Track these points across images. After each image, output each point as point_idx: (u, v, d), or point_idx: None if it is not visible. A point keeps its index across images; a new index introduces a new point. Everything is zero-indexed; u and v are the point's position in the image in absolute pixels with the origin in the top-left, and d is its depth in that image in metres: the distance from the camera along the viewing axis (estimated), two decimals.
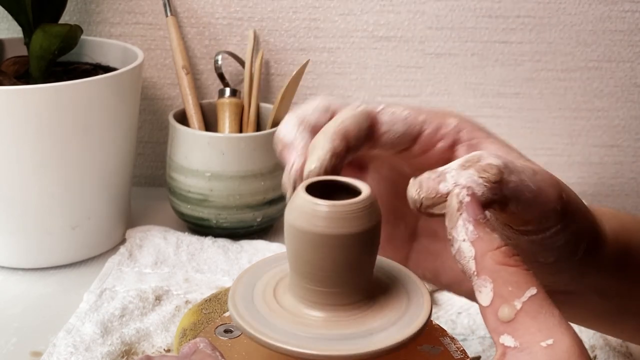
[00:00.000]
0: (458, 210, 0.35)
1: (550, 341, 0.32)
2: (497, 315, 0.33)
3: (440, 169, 0.37)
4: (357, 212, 0.35)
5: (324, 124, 0.40)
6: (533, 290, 0.33)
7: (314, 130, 0.40)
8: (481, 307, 0.34)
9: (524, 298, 0.33)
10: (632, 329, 0.50)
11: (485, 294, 0.33)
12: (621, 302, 0.46)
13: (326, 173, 0.38)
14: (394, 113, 0.41)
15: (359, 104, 0.41)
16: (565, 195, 0.39)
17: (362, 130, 0.40)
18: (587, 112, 0.86)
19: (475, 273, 0.34)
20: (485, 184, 0.35)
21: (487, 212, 0.35)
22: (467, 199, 0.35)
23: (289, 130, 0.40)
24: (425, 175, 0.37)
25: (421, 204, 0.36)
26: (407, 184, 0.40)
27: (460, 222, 0.34)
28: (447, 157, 0.42)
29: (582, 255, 0.41)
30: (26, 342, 0.57)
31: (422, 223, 0.45)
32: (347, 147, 0.39)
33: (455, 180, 0.36)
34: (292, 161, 0.39)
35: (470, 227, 0.34)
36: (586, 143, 0.88)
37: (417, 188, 0.36)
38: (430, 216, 0.37)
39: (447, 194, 0.36)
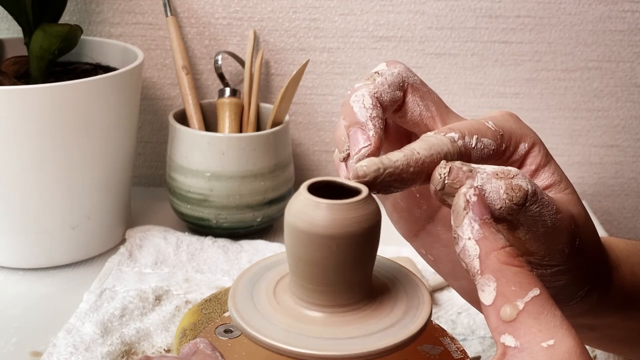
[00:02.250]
0: (464, 209, 0.35)
1: (551, 342, 0.32)
2: (499, 314, 0.33)
3: (475, 165, 0.37)
4: (357, 212, 0.35)
5: (398, 100, 0.40)
6: (536, 291, 0.33)
7: (387, 109, 0.40)
8: (483, 306, 0.34)
9: (527, 298, 0.33)
10: None
11: (488, 292, 0.33)
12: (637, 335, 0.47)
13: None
14: (483, 153, 0.40)
15: (454, 135, 0.39)
16: (580, 243, 0.39)
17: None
18: (587, 112, 0.86)
19: (479, 272, 0.34)
20: (507, 201, 0.36)
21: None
22: (474, 198, 0.35)
23: (362, 105, 0.39)
24: (458, 164, 0.36)
25: (442, 187, 0.36)
26: None
27: (466, 221, 0.34)
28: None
29: (579, 302, 0.41)
30: (26, 342, 0.57)
31: (444, 211, 0.45)
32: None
33: (482, 184, 0.36)
34: (360, 145, 0.38)
35: (476, 226, 0.34)
36: (586, 143, 0.88)
37: (444, 172, 0.36)
38: (442, 202, 0.37)
39: None
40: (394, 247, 0.70)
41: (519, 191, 0.36)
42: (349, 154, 0.38)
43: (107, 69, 0.74)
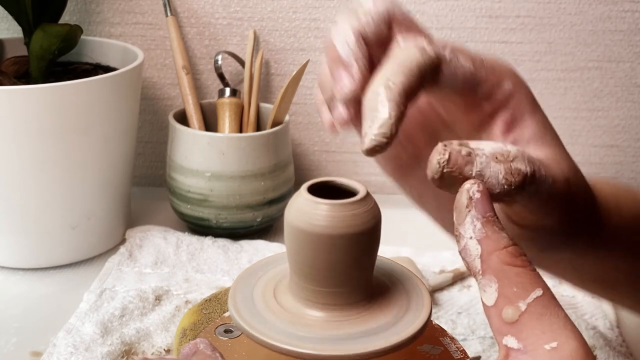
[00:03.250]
0: (467, 206, 0.34)
1: (554, 344, 0.31)
2: (501, 315, 0.32)
3: (473, 145, 0.35)
4: (356, 211, 0.35)
5: (384, 36, 0.39)
6: (539, 292, 0.32)
7: (372, 45, 0.38)
8: (485, 307, 0.33)
9: (529, 299, 0.32)
10: (623, 295, 0.51)
11: (489, 293, 0.33)
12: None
13: (392, 136, 0.35)
14: (457, 69, 0.38)
15: (423, 42, 0.37)
16: (573, 197, 0.40)
17: (424, 83, 0.37)
18: (587, 112, 0.86)
19: (481, 272, 0.33)
20: (506, 186, 0.35)
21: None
22: (478, 195, 0.34)
23: (345, 43, 0.37)
24: (456, 146, 0.35)
25: (441, 176, 0.35)
26: (433, 118, 0.40)
27: (468, 219, 0.34)
28: (487, 119, 0.41)
29: (567, 244, 0.42)
30: (26, 342, 0.57)
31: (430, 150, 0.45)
32: (407, 105, 0.36)
33: (481, 169, 0.35)
34: (343, 84, 0.37)
35: (479, 225, 0.34)
36: (586, 143, 0.88)
37: (443, 160, 0.35)
38: (440, 188, 0.35)
39: (468, 177, 0.35)
40: (394, 247, 0.70)
41: (518, 175, 0.35)
42: (333, 95, 0.37)
43: (107, 69, 0.74)
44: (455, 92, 0.39)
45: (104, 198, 0.69)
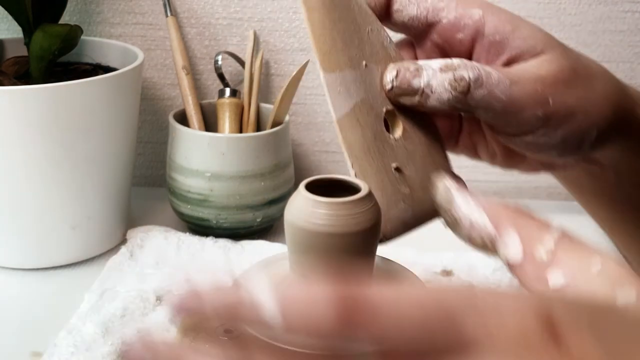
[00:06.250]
0: (450, 193, 0.36)
1: (599, 266, 0.30)
2: (535, 261, 0.31)
3: (421, 62, 0.40)
4: (357, 209, 0.35)
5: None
6: (558, 228, 0.32)
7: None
8: (515, 267, 0.32)
9: (555, 234, 0.32)
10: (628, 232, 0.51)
11: (514, 247, 0.32)
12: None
13: None
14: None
15: None
16: (558, 99, 0.41)
17: (378, 5, 0.42)
18: None
19: (496, 233, 0.33)
20: (452, 91, 0.39)
21: None
22: (454, 184, 0.36)
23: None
24: (405, 64, 0.40)
25: (392, 89, 0.40)
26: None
27: (459, 200, 0.35)
28: (467, 49, 0.43)
29: (593, 146, 0.43)
30: (26, 342, 0.57)
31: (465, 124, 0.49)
32: None
33: (428, 80, 0.39)
34: None
35: (471, 200, 0.34)
36: None
37: (393, 75, 0.40)
38: (396, 103, 0.41)
39: (417, 89, 0.40)
40: (394, 247, 0.70)
41: (461, 81, 0.39)
42: None
43: (107, 69, 0.74)
44: (413, 24, 0.43)
45: (104, 198, 0.69)
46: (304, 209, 0.35)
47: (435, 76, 0.39)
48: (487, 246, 0.33)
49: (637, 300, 0.29)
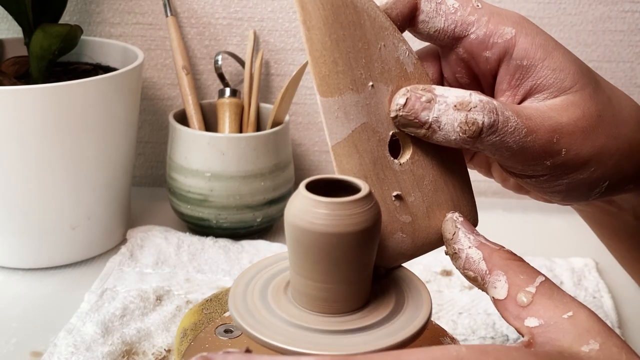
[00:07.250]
0: (455, 226, 0.39)
1: (570, 313, 0.34)
2: (516, 302, 0.35)
3: (438, 91, 0.37)
4: (356, 209, 0.35)
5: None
6: (542, 277, 0.36)
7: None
8: (497, 303, 0.36)
9: (537, 283, 0.35)
10: None
11: (500, 287, 0.36)
12: None
13: None
14: (440, 4, 0.40)
15: None
16: (571, 151, 0.39)
17: (400, 15, 0.40)
18: None
19: (488, 271, 0.37)
20: (461, 134, 0.37)
21: None
22: (460, 219, 0.39)
23: None
24: (418, 91, 0.38)
25: (395, 117, 0.38)
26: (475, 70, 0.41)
27: (461, 235, 0.38)
28: (493, 68, 0.41)
29: (604, 194, 0.42)
30: (26, 342, 0.57)
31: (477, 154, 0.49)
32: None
33: (438, 115, 0.37)
34: None
35: (472, 237, 0.38)
36: None
37: (402, 103, 0.38)
38: (399, 130, 0.39)
39: (424, 122, 0.37)
40: None
41: (472, 125, 0.37)
42: None
43: (107, 69, 0.74)
44: (439, 36, 0.41)
45: (104, 198, 0.69)
46: (304, 209, 0.35)
47: (446, 113, 0.37)
48: (478, 281, 0.37)
49: (601, 349, 0.33)
